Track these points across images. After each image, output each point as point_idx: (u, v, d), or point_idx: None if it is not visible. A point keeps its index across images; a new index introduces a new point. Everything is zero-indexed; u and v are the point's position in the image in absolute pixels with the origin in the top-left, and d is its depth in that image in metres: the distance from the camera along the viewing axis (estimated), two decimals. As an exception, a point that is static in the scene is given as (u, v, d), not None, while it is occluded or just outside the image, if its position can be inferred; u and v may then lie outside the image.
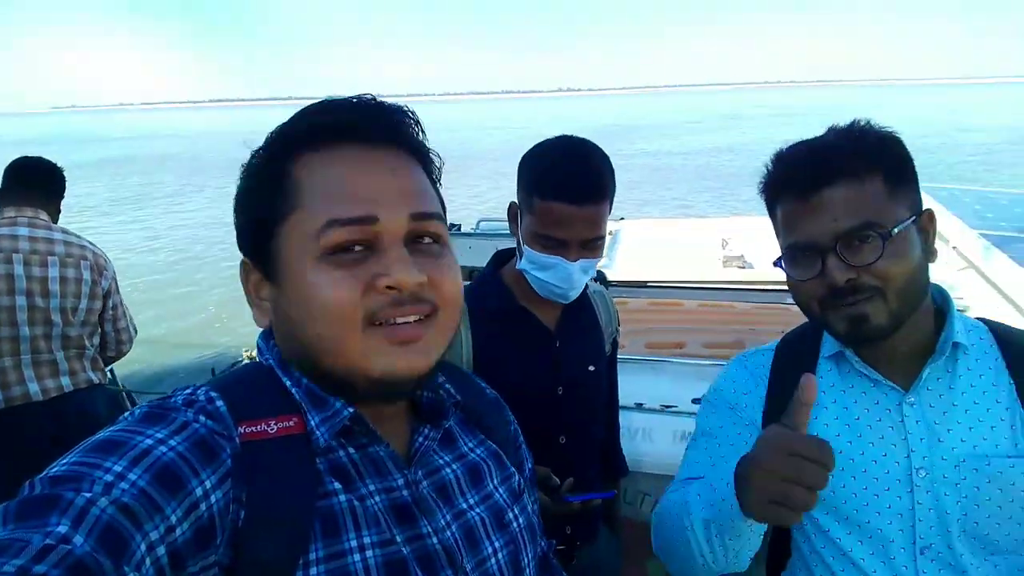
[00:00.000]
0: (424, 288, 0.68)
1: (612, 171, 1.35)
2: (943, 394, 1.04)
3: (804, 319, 1.12)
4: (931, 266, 1.05)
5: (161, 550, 0.56)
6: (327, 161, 0.69)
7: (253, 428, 0.67)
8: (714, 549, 0.96)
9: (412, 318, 0.68)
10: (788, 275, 1.04)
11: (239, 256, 0.75)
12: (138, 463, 0.57)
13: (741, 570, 1.02)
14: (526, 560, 0.81)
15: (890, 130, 1.02)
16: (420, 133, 0.74)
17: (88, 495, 0.54)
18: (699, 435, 1.17)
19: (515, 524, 0.82)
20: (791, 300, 1.10)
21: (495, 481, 0.83)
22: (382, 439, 0.73)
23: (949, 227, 3.95)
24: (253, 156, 0.74)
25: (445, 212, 0.76)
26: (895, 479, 1.02)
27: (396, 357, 0.67)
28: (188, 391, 0.69)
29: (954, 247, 3.75)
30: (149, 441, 0.60)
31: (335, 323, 0.66)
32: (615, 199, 1.36)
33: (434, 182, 0.76)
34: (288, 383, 0.72)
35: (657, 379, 2.41)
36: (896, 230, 0.96)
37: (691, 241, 4.27)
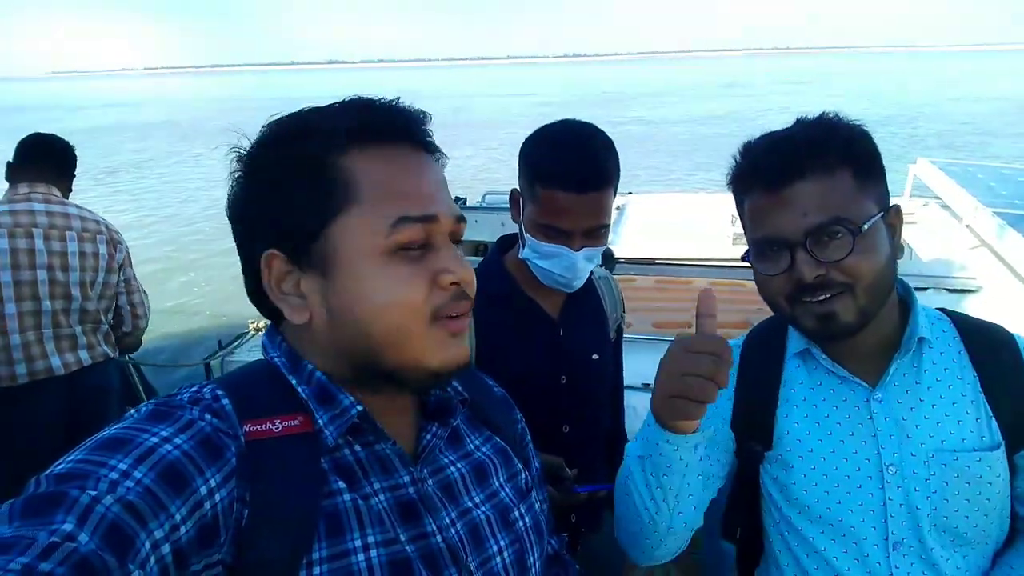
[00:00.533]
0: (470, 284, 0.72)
1: (616, 156, 1.31)
2: (910, 389, 1.04)
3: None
4: (944, 244, 1.03)
5: (166, 548, 0.56)
6: (384, 158, 0.70)
7: (258, 427, 0.67)
8: (653, 494, 0.97)
9: (465, 311, 0.72)
10: (755, 270, 1.02)
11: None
12: (143, 461, 0.58)
13: (688, 527, 1.04)
14: (532, 559, 0.81)
15: (858, 123, 1.00)
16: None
17: (93, 493, 0.54)
18: None
19: (521, 523, 0.82)
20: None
21: (501, 479, 0.83)
22: (389, 437, 0.73)
23: (963, 205, 3.89)
24: (264, 146, 0.71)
25: None
26: (866, 476, 1.03)
27: (453, 349, 0.71)
28: (194, 389, 0.69)
29: (967, 225, 3.70)
30: (154, 439, 0.60)
31: (405, 318, 0.68)
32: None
33: None
34: (294, 382, 0.72)
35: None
36: (865, 226, 0.94)
37: (700, 217, 4.22)
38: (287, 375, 0.73)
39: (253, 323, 3.86)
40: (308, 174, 0.69)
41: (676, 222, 4.27)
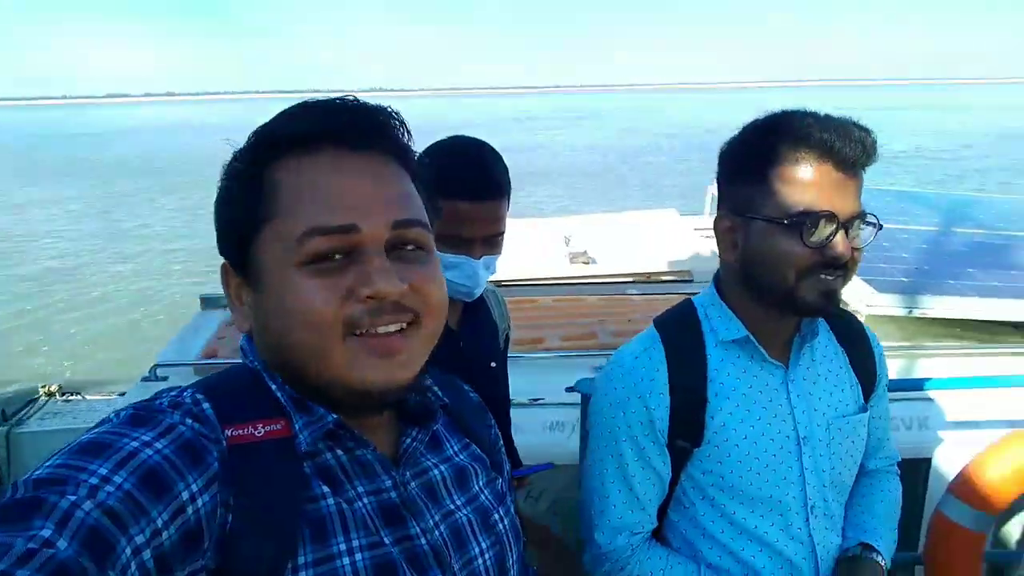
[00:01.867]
0: (406, 296, 0.67)
1: (506, 167, 1.38)
2: (809, 367, 1.18)
3: (645, 310, 1.21)
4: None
5: (147, 554, 0.55)
6: (306, 166, 0.67)
7: (240, 431, 0.66)
8: None
9: (393, 327, 0.67)
10: (782, 238, 1.03)
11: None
12: (124, 466, 0.56)
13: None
14: (511, 560, 0.82)
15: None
16: (405, 135, 0.72)
17: (73, 498, 0.53)
18: (620, 463, 1.15)
19: (500, 525, 0.83)
20: (633, 291, 1.18)
21: (480, 483, 0.84)
22: (368, 442, 0.72)
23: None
24: (233, 158, 0.70)
25: (431, 217, 0.74)
26: (787, 451, 1.13)
27: (377, 369, 0.67)
28: (174, 393, 0.68)
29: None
30: (135, 443, 0.58)
31: (315, 332, 0.65)
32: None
33: (420, 186, 0.74)
34: (274, 387, 0.71)
35: (523, 374, 2.47)
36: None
37: (537, 239, 4.42)
38: (267, 380, 0.72)
39: (44, 387, 3.40)
40: (245, 185, 0.69)
41: (517, 245, 4.43)
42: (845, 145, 1.00)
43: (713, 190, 5.99)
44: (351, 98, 0.69)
